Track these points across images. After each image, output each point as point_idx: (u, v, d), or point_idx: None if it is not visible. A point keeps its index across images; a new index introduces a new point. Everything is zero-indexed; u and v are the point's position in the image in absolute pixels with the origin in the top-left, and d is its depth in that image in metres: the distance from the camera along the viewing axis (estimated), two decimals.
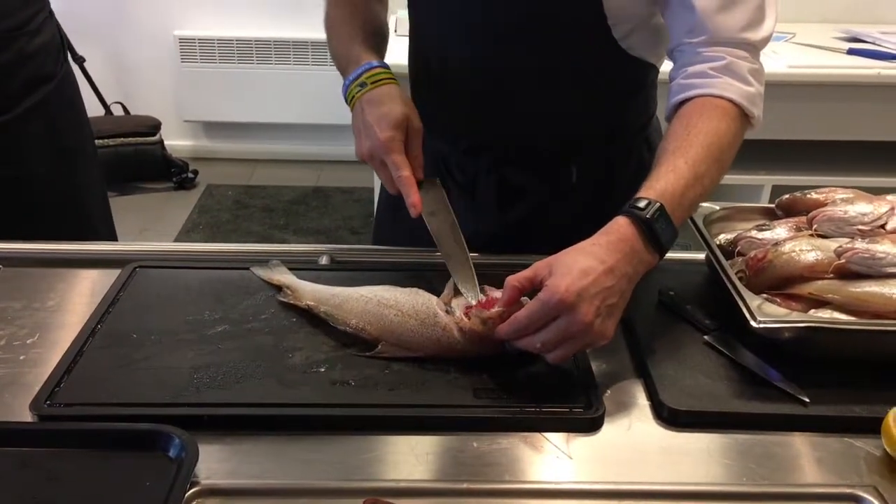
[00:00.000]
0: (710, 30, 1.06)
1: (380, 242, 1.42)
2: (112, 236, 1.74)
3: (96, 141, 1.78)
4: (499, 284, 0.98)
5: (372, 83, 1.13)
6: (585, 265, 0.88)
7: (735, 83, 1.05)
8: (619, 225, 0.93)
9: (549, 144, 1.25)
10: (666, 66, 1.21)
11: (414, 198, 1.07)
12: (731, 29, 1.06)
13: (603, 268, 0.89)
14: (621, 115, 1.27)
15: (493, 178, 1.27)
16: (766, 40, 1.09)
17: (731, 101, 1.04)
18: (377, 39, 1.24)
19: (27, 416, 0.88)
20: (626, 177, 1.11)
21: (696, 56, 1.08)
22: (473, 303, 1.00)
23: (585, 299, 0.87)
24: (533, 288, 0.92)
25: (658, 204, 0.93)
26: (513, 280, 0.93)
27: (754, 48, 1.09)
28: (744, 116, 1.06)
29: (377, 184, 1.49)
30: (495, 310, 0.95)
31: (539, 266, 0.92)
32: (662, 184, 0.96)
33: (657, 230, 0.92)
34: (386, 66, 1.17)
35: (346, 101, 1.17)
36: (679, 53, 1.11)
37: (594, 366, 0.98)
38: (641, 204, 0.93)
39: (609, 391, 0.95)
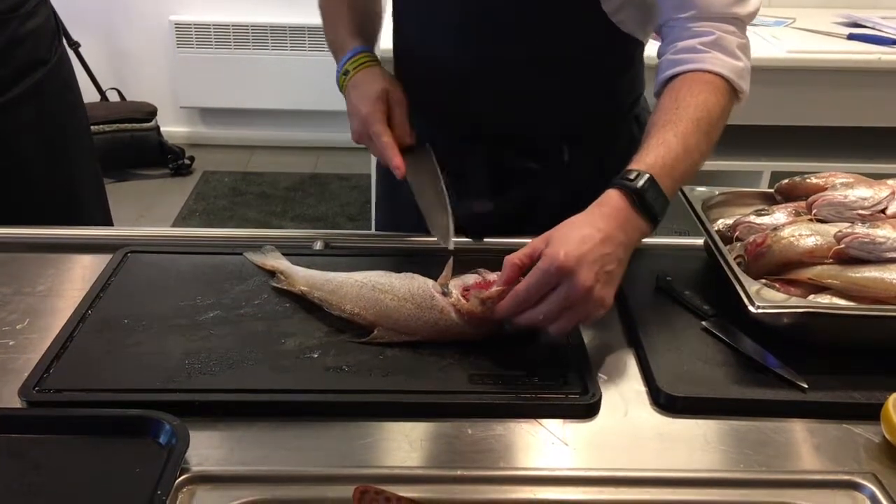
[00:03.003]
0: (699, 5, 1.07)
1: (381, 228, 1.42)
2: (108, 223, 1.73)
3: (92, 127, 1.77)
4: (495, 267, 0.97)
5: (354, 69, 1.18)
6: (582, 234, 0.89)
7: (724, 58, 1.06)
8: (611, 196, 0.94)
9: (539, 125, 1.25)
10: (651, 51, 1.21)
11: (396, 160, 1.10)
12: (719, 4, 1.07)
13: (600, 235, 0.90)
14: (611, 93, 1.27)
15: (484, 162, 1.26)
16: (752, 14, 1.10)
17: (719, 75, 1.05)
18: (364, 19, 1.26)
19: (16, 403, 0.87)
20: (617, 155, 1.12)
21: (684, 31, 1.08)
22: (449, 247, 1.04)
23: (584, 265, 0.87)
24: (532, 263, 0.92)
25: (648, 174, 0.94)
26: (512, 258, 0.93)
27: (741, 23, 1.10)
28: (732, 91, 1.07)
29: (374, 170, 1.50)
30: (494, 289, 0.94)
31: (536, 242, 0.92)
32: (652, 156, 0.97)
33: (648, 199, 0.94)
34: (368, 50, 1.20)
35: (341, 91, 1.21)
36: (668, 29, 1.11)
37: (590, 351, 0.97)
38: (632, 175, 0.95)
39: (605, 377, 0.94)
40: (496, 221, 1.25)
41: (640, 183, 0.93)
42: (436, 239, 1.11)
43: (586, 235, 0.89)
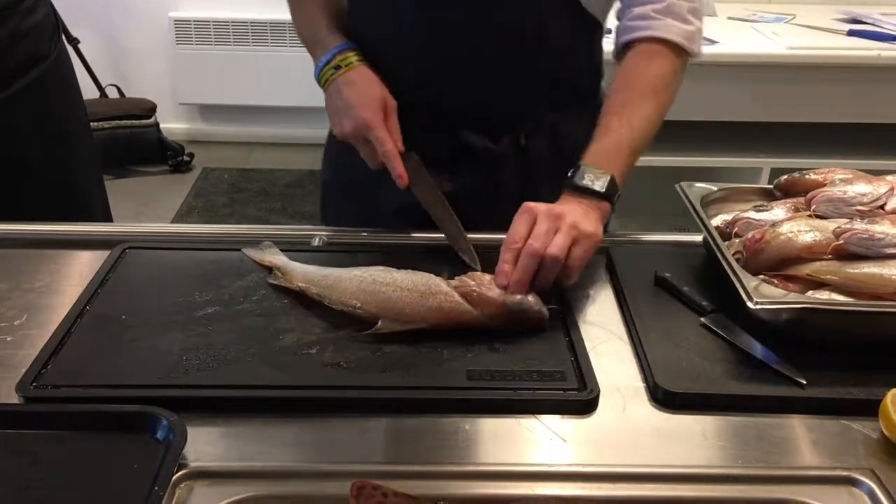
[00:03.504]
0: None
1: (334, 222, 1.43)
2: (108, 218, 1.73)
3: (91, 123, 1.77)
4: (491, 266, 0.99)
5: (346, 65, 1.19)
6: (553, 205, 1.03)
7: (675, 24, 1.16)
8: (562, 197, 1.07)
9: (497, 106, 1.26)
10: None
11: (400, 169, 1.13)
12: None
13: (569, 206, 1.03)
14: (570, 74, 1.28)
15: (444, 142, 1.27)
16: None
17: (672, 41, 1.16)
18: (340, 18, 1.27)
19: (13, 398, 0.86)
20: (576, 136, 1.18)
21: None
22: (477, 267, 1.07)
23: (551, 206, 1.02)
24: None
25: (584, 167, 1.07)
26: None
27: None
28: (684, 53, 1.18)
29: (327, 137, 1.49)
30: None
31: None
32: (595, 146, 1.10)
33: (597, 189, 1.06)
34: (356, 49, 1.22)
35: (319, 83, 1.23)
36: None
37: (589, 347, 0.97)
38: (578, 174, 1.07)
39: (604, 373, 0.94)
40: (455, 199, 1.26)
41: (579, 179, 1.06)
42: (463, 257, 1.12)
43: (556, 207, 1.02)
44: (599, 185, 1.06)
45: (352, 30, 1.28)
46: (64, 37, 1.69)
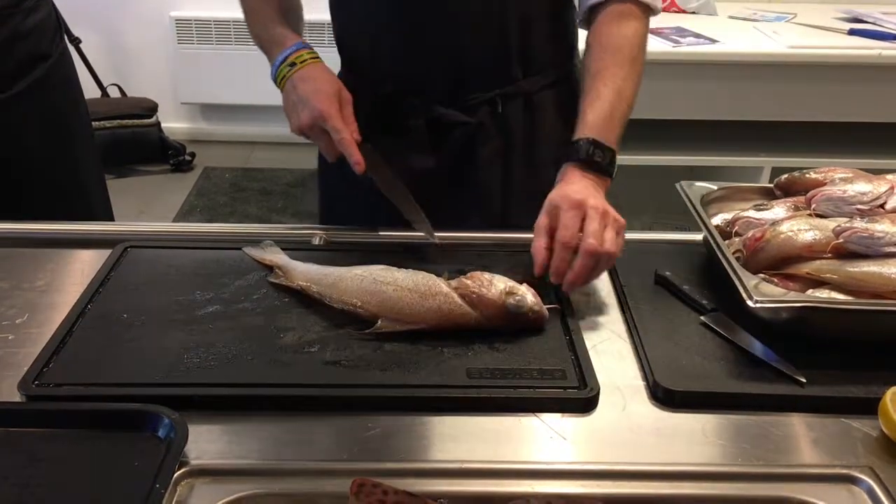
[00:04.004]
0: None
1: (328, 220, 1.44)
2: (109, 217, 1.74)
3: (93, 123, 1.77)
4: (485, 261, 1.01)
5: (301, 62, 1.22)
6: (570, 188, 1.06)
7: None
8: (568, 171, 1.10)
9: (471, 77, 1.28)
10: None
11: (356, 156, 1.14)
12: None
13: (581, 184, 1.07)
14: (540, 43, 1.30)
15: (421, 116, 1.29)
16: None
17: (635, 1, 1.20)
18: (294, 18, 1.31)
19: (15, 397, 0.87)
20: (553, 106, 1.24)
21: None
22: (434, 239, 1.14)
23: (591, 194, 1.05)
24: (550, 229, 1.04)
25: (590, 139, 1.10)
26: (538, 243, 1.04)
27: None
28: (648, 10, 1.22)
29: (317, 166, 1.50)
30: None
31: (539, 222, 1.05)
32: (591, 118, 1.13)
33: (597, 160, 1.10)
34: (310, 47, 1.25)
35: (275, 81, 1.26)
36: None
37: (589, 346, 0.97)
38: (576, 147, 1.11)
39: (604, 371, 0.94)
40: (436, 172, 1.31)
41: (584, 152, 1.10)
42: (420, 230, 1.18)
43: (571, 188, 1.06)
44: (605, 160, 1.10)
45: (333, 17, 1.33)
46: (66, 36, 1.70)
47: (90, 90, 3.68)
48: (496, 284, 0.98)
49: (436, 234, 1.17)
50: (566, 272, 1.02)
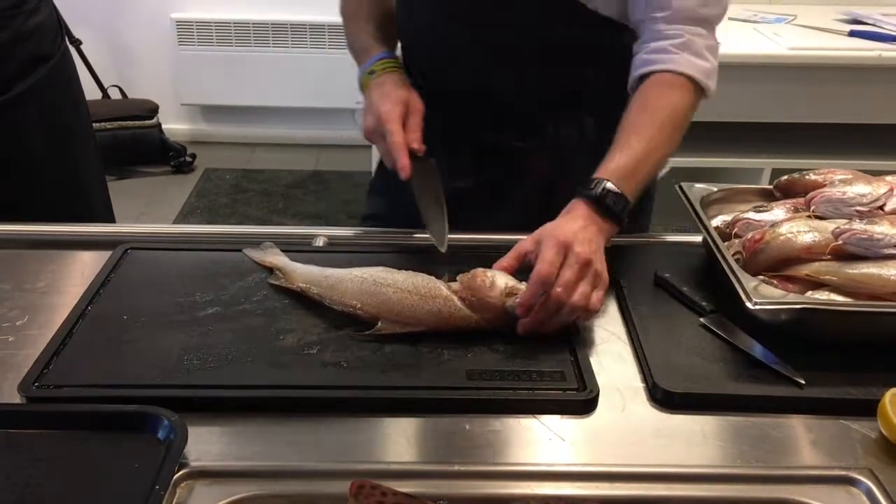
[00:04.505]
0: (670, 5, 1.15)
1: (369, 221, 1.46)
2: (111, 219, 1.74)
3: (93, 124, 1.77)
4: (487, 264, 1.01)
5: (381, 70, 1.23)
6: (567, 227, 1.01)
7: (692, 59, 1.15)
8: (576, 205, 1.05)
9: (524, 104, 1.28)
10: None
11: (403, 160, 1.12)
12: (688, 5, 1.15)
13: (579, 224, 1.01)
14: (595, 76, 1.28)
15: (470, 137, 1.31)
16: (720, 16, 1.18)
17: (687, 76, 1.14)
18: (385, 27, 1.32)
19: (16, 398, 0.87)
20: (599, 138, 1.17)
21: (657, 33, 1.16)
22: (442, 249, 1.11)
23: (578, 240, 0.98)
24: (520, 265, 1.01)
25: (606, 182, 1.04)
26: (503, 263, 1.02)
27: (710, 24, 1.18)
28: (699, 89, 1.16)
29: (376, 168, 1.52)
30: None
31: (522, 244, 1.02)
32: (614, 163, 1.07)
33: (608, 203, 1.04)
34: (394, 57, 1.27)
35: (361, 89, 1.25)
36: (643, 28, 1.19)
37: (588, 347, 0.97)
38: (592, 184, 1.05)
39: (603, 373, 0.94)
40: (476, 193, 1.31)
41: (599, 190, 1.04)
42: (432, 240, 1.15)
43: (572, 228, 1.00)
44: (617, 207, 1.04)
45: (401, 34, 1.33)
46: (66, 37, 1.70)
47: (91, 91, 3.69)
48: (497, 284, 0.98)
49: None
50: (532, 308, 0.96)
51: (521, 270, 1.03)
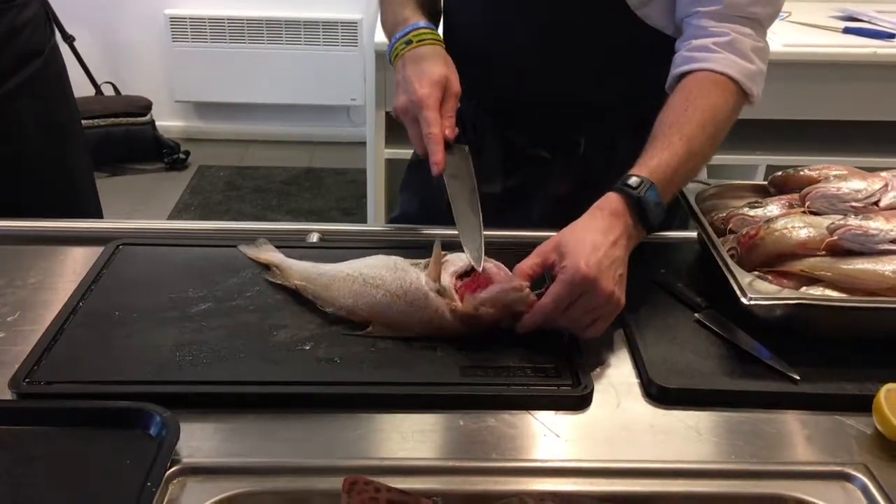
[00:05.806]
0: (719, 1, 1.08)
1: (402, 217, 1.41)
2: (98, 214, 1.73)
3: (86, 121, 1.77)
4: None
5: (418, 41, 1.13)
6: (593, 240, 0.92)
7: (736, 60, 1.07)
8: (611, 201, 0.96)
9: (557, 110, 1.24)
10: None
11: (438, 156, 1.05)
12: (739, 2, 1.08)
13: (609, 240, 0.92)
14: (634, 85, 1.22)
15: (499, 142, 1.27)
16: (772, 16, 1.11)
17: (730, 77, 1.06)
18: (429, 7, 1.24)
19: (6, 395, 0.86)
20: (631, 149, 1.09)
21: (701, 30, 1.09)
22: (478, 268, 1.00)
23: (603, 272, 0.90)
24: (543, 272, 0.95)
25: (649, 182, 0.96)
26: (524, 268, 0.95)
27: (761, 25, 1.10)
28: (742, 93, 1.08)
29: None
30: (487, 295, 0.94)
31: (545, 250, 0.95)
32: (656, 161, 0.99)
33: (646, 207, 0.96)
34: (433, 28, 1.17)
35: (391, 58, 1.16)
36: (687, 25, 1.12)
37: (583, 343, 0.97)
38: (633, 181, 0.96)
39: (598, 369, 0.94)
40: (503, 197, 1.28)
41: (642, 192, 0.95)
42: (466, 254, 1.03)
43: (597, 242, 0.91)
44: (654, 213, 0.96)
45: (447, 29, 1.27)
46: (59, 34, 1.69)
47: (84, 88, 3.67)
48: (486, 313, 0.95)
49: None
50: (537, 323, 0.93)
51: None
